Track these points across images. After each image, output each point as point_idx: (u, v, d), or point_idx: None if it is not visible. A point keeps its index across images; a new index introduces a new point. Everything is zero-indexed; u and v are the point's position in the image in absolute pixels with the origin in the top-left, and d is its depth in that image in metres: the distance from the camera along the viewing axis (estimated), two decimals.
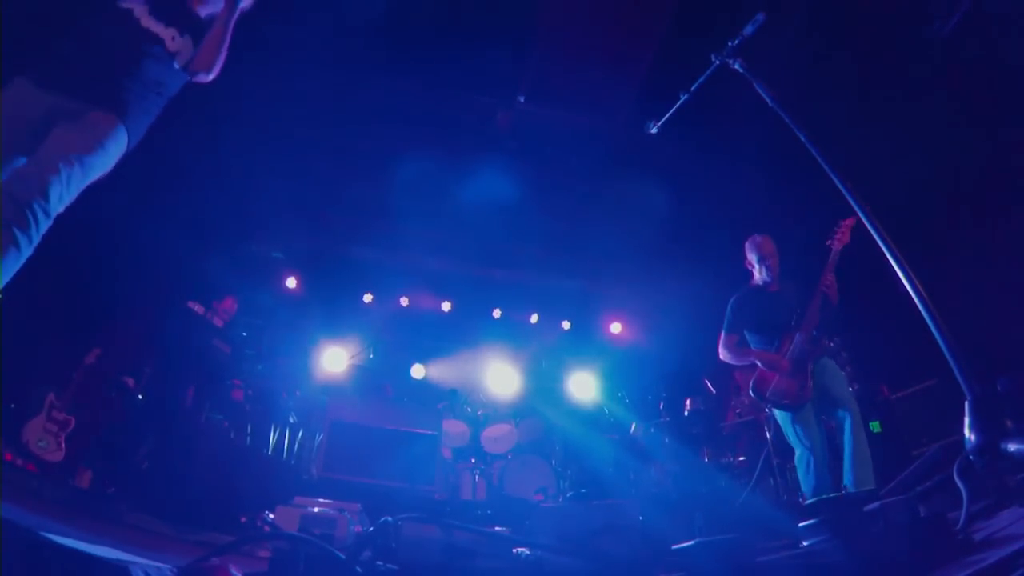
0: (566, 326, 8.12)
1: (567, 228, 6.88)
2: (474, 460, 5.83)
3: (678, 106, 2.81)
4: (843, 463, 3.29)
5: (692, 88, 2.72)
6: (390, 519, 1.78)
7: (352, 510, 3.38)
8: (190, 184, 5.47)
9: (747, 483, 4.88)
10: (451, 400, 6.51)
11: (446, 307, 7.74)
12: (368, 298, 7.55)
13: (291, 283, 7.16)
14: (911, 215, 3.76)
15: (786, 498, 4.46)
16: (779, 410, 3.52)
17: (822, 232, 3.66)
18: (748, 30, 2.45)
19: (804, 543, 1.57)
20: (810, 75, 4.56)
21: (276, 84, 5.13)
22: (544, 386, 7.01)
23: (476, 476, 5.57)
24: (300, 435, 5.74)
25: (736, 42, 2.49)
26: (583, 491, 4.99)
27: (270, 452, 5.50)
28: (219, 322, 5.35)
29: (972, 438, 1.54)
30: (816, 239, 3.67)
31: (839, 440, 3.38)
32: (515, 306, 7.85)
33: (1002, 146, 4.37)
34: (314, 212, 6.57)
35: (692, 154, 5.81)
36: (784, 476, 4.63)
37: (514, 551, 1.90)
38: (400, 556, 1.71)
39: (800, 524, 1.59)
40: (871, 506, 1.45)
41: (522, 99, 5.49)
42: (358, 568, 1.62)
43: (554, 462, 5.79)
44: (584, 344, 7.82)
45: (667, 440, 5.43)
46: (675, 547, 1.86)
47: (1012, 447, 1.45)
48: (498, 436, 6.10)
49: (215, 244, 6.39)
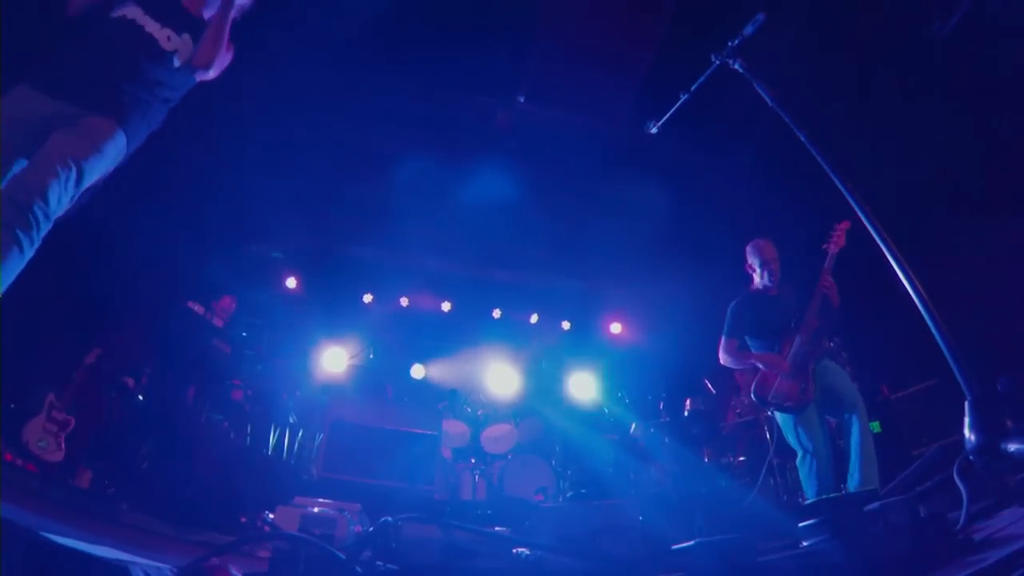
0: (566, 326, 8.12)
1: (567, 228, 6.88)
2: (474, 460, 5.83)
3: (678, 106, 2.81)
4: (849, 462, 3.28)
5: (692, 88, 2.72)
6: (390, 519, 1.78)
7: (352, 510, 3.39)
8: (190, 184, 5.48)
9: (748, 483, 4.89)
10: (451, 400, 6.51)
11: (446, 307, 7.73)
12: (368, 298, 7.55)
13: (291, 283, 7.16)
14: (911, 215, 3.75)
15: (786, 498, 4.46)
16: (781, 413, 3.52)
17: (822, 233, 3.66)
18: (748, 30, 2.45)
19: (804, 543, 1.57)
20: (810, 75, 4.55)
21: (276, 84, 5.13)
22: (544, 386, 7.01)
23: (476, 476, 5.57)
24: (300, 435, 5.74)
25: (736, 42, 2.49)
26: (583, 491, 4.99)
27: (270, 452, 5.50)
28: (219, 322, 5.35)
29: (972, 438, 1.54)
30: (816, 240, 3.68)
31: (844, 439, 3.37)
32: (515, 306, 7.85)
33: (1002, 146, 4.37)
34: (314, 212, 6.56)
35: (692, 154, 5.81)
36: (784, 476, 4.63)
37: (514, 551, 1.90)
38: (400, 556, 1.71)
39: (800, 524, 1.59)
40: (871, 506, 1.45)
41: (522, 99, 5.49)
42: (358, 568, 1.62)
43: (554, 462, 5.79)
44: (584, 344, 7.82)
45: (667, 440, 5.42)
46: (675, 547, 1.86)
47: (1012, 447, 1.45)
48: (498, 436, 6.10)
49: (215, 244, 6.39)
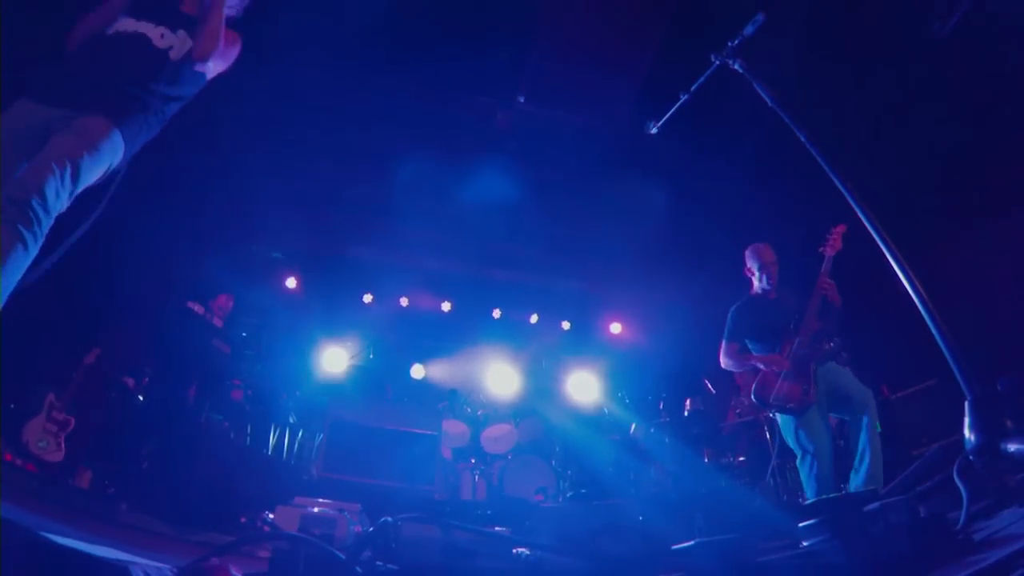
0: (566, 326, 8.12)
1: (567, 228, 6.88)
2: (474, 460, 5.83)
3: (678, 106, 2.81)
4: (854, 459, 3.26)
5: (692, 88, 2.72)
6: (390, 519, 1.78)
7: (352, 510, 3.39)
8: (190, 184, 5.48)
9: (749, 483, 4.88)
10: (451, 400, 6.51)
11: (446, 307, 7.73)
12: (368, 298, 7.55)
13: (291, 283, 7.16)
14: (911, 215, 3.76)
15: (786, 498, 4.46)
16: (783, 414, 3.51)
17: (822, 233, 3.66)
18: (748, 30, 2.45)
19: (804, 543, 1.57)
20: (810, 75, 4.55)
21: (276, 84, 5.13)
22: (544, 386, 7.01)
23: (476, 476, 5.57)
24: (300, 435, 5.74)
25: (736, 42, 2.49)
26: (583, 491, 4.99)
27: (270, 452, 5.50)
28: (219, 322, 5.35)
29: (972, 438, 1.54)
30: (816, 240, 3.67)
31: (851, 437, 3.33)
32: (515, 306, 7.85)
33: (1002, 146, 4.37)
34: (314, 212, 6.57)
35: (692, 154, 5.81)
36: (784, 477, 4.63)
37: (514, 551, 1.90)
38: (400, 556, 1.71)
39: (800, 524, 1.59)
40: (871, 506, 1.45)
41: (522, 99, 5.49)
42: (358, 568, 1.62)
43: (554, 462, 5.79)
44: (584, 344, 7.82)
45: (667, 440, 5.42)
46: (675, 547, 1.86)
47: (1012, 447, 1.45)
48: (498, 436, 6.10)
49: (215, 244, 6.40)
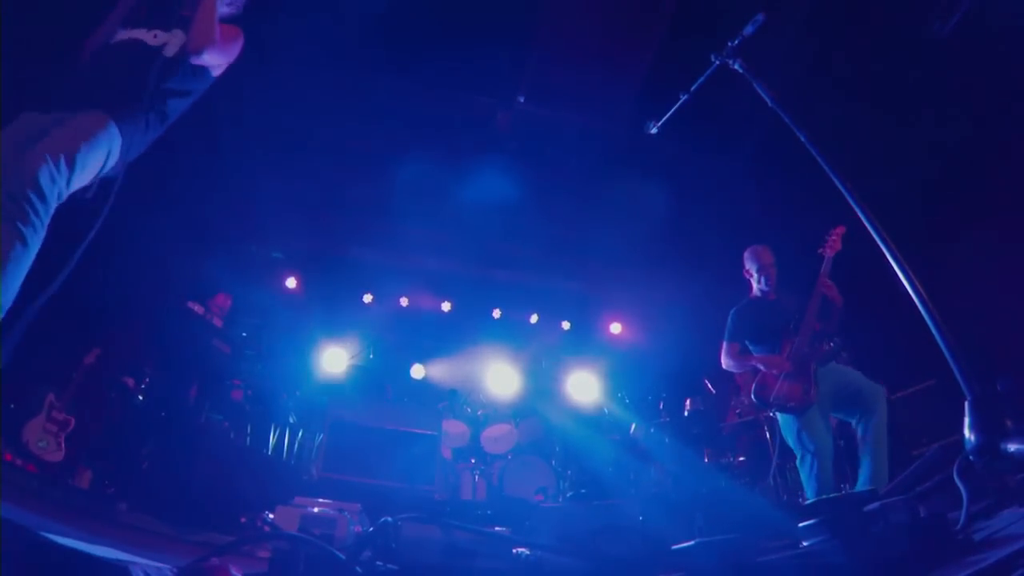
0: (566, 326, 8.12)
1: (567, 228, 6.88)
2: (474, 460, 5.83)
3: (678, 106, 2.81)
4: (860, 456, 3.24)
5: (692, 88, 2.72)
6: (390, 519, 1.78)
7: (352, 510, 3.38)
8: (190, 184, 5.48)
9: (749, 483, 4.88)
10: (451, 400, 6.51)
11: (446, 307, 7.73)
12: (368, 298, 7.55)
13: (291, 283, 7.16)
14: (911, 215, 3.76)
15: (786, 498, 4.46)
16: (783, 414, 3.50)
17: (822, 234, 3.67)
18: (748, 30, 2.45)
19: (804, 543, 1.57)
20: (810, 75, 4.56)
21: (276, 84, 5.13)
22: (544, 386, 7.01)
23: (476, 476, 5.57)
24: (300, 435, 5.74)
25: (736, 42, 2.49)
26: (583, 491, 5.00)
27: (270, 452, 5.50)
28: (218, 322, 5.35)
29: (972, 438, 1.54)
30: (816, 241, 3.68)
31: (859, 434, 3.31)
32: (515, 306, 7.85)
33: (1002, 146, 4.37)
34: (314, 212, 6.56)
35: (692, 154, 5.81)
36: (784, 476, 4.63)
37: (514, 551, 1.90)
38: (400, 556, 1.71)
39: (800, 524, 1.59)
40: (871, 506, 1.45)
41: (522, 99, 5.49)
42: (358, 568, 1.62)
43: (554, 462, 5.79)
44: (584, 344, 7.82)
45: (667, 440, 5.42)
46: (675, 547, 1.85)
47: (1012, 447, 1.45)
48: (498, 436, 6.10)
49: (215, 244, 6.39)
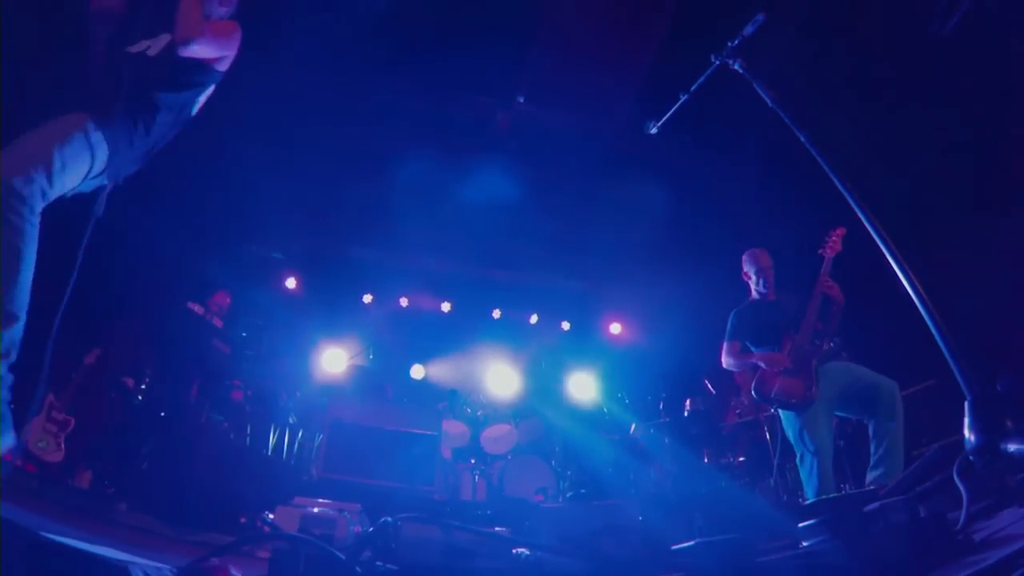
0: (566, 326, 8.12)
1: (567, 228, 6.88)
2: (474, 460, 5.83)
3: (678, 106, 2.81)
4: (878, 453, 3.19)
5: (692, 88, 2.72)
6: (390, 519, 1.78)
7: (352, 510, 3.38)
8: (190, 184, 5.48)
9: (749, 484, 4.88)
10: (451, 400, 6.51)
11: (446, 307, 7.74)
12: (368, 298, 7.55)
13: (291, 283, 7.16)
14: (911, 215, 3.76)
15: (786, 498, 4.46)
16: (785, 410, 3.50)
17: (822, 234, 3.67)
18: (748, 30, 2.45)
19: (804, 543, 1.57)
20: (810, 75, 4.55)
21: (276, 84, 5.13)
22: (544, 386, 7.01)
23: (476, 476, 5.57)
24: (300, 435, 5.74)
25: (736, 42, 2.49)
26: (583, 491, 5.00)
27: (270, 452, 5.50)
28: (218, 322, 5.35)
29: (972, 438, 1.54)
30: (816, 241, 3.68)
31: (876, 430, 3.25)
32: (515, 306, 7.85)
33: (1002, 146, 4.37)
34: (314, 212, 6.57)
35: (692, 154, 5.81)
36: (784, 476, 4.63)
37: (514, 552, 1.90)
38: (400, 556, 1.71)
39: (800, 524, 1.59)
40: (871, 506, 1.44)
41: (522, 99, 5.49)
42: (358, 568, 1.62)
43: (554, 462, 5.79)
44: (584, 344, 7.83)
45: (667, 440, 5.42)
46: (675, 547, 1.85)
47: (1012, 447, 1.45)
48: (498, 436, 6.10)
49: (215, 244, 6.39)
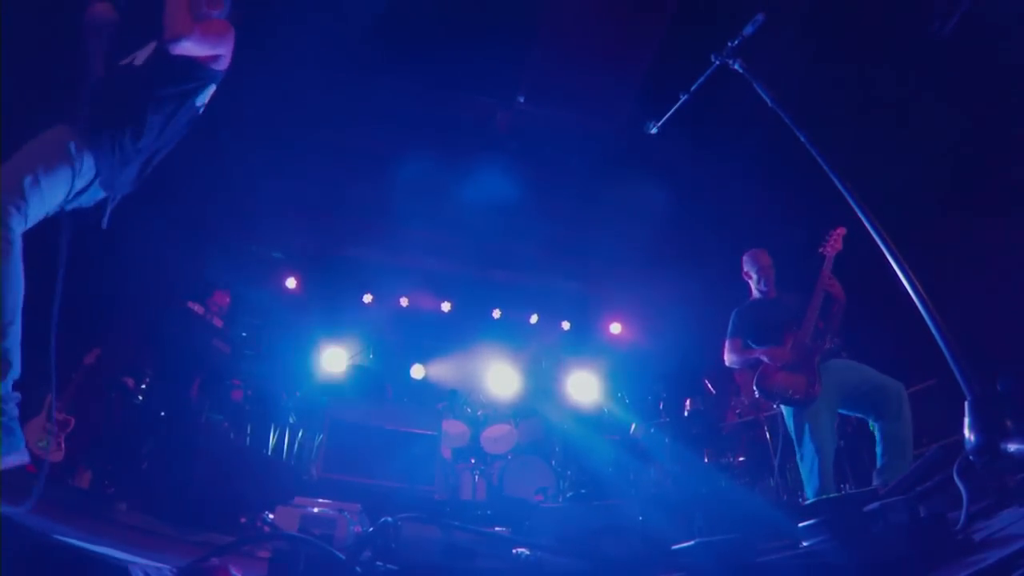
0: (566, 326, 8.12)
1: (567, 228, 6.88)
2: (474, 460, 5.82)
3: (678, 106, 2.81)
4: (887, 451, 3.18)
5: (692, 88, 2.72)
6: (390, 519, 1.78)
7: (352, 510, 3.38)
8: (190, 184, 5.48)
9: (749, 484, 4.88)
10: (451, 400, 6.51)
11: (446, 307, 7.74)
12: (368, 298, 7.55)
13: (291, 283, 7.16)
14: (911, 215, 3.76)
15: (786, 498, 4.46)
16: (787, 405, 3.49)
17: (822, 234, 3.67)
18: (748, 30, 2.45)
19: (804, 543, 1.57)
20: (810, 75, 4.56)
21: (276, 84, 5.13)
22: (544, 386, 7.01)
23: (476, 476, 5.57)
24: (300, 435, 5.74)
25: (736, 42, 2.49)
26: (583, 492, 4.99)
27: (270, 452, 5.50)
28: (218, 322, 5.35)
29: (972, 438, 1.54)
30: (816, 241, 3.68)
31: (883, 430, 3.22)
32: (515, 306, 7.85)
33: (1002, 146, 4.37)
34: (314, 212, 6.57)
35: (692, 155, 5.81)
36: (784, 476, 4.63)
37: (514, 552, 1.90)
38: (400, 556, 1.71)
39: (800, 524, 1.59)
40: (871, 506, 1.45)
41: (522, 99, 5.49)
42: (358, 568, 1.62)
43: (554, 462, 5.79)
44: (584, 344, 7.83)
45: (667, 440, 5.42)
46: (675, 547, 1.85)
47: (1012, 447, 1.45)
48: (498, 436, 6.10)
49: (215, 244, 6.40)
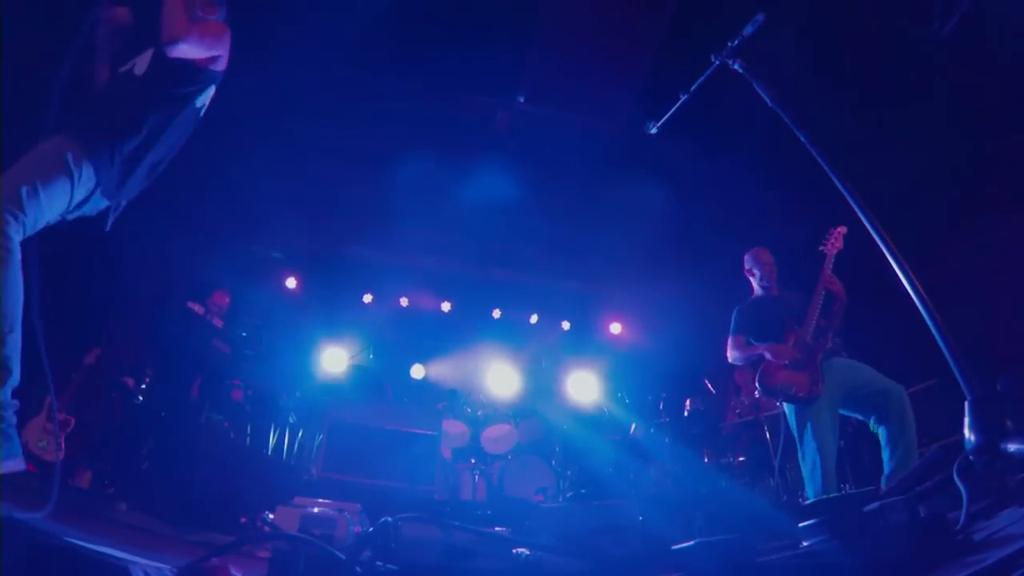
0: (566, 326, 8.12)
1: (567, 228, 6.89)
2: (474, 460, 5.82)
3: (678, 106, 2.82)
4: (895, 455, 3.17)
5: (692, 88, 2.72)
6: (390, 519, 1.78)
7: (352, 510, 3.38)
8: (190, 184, 5.48)
9: (749, 484, 4.88)
10: (451, 400, 6.51)
11: (446, 307, 7.74)
12: (368, 298, 7.55)
13: (291, 283, 7.16)
14: (911, 215, 3.76)
15: (786, 498, 4.46)
16: (790, 403, 3.48)
17: (822, 234, 3.67)
18: (748, 30, 2.45)
19: (804, 543, 1.57)
20: (810, 75, 4.55)
21: (276, 84, 5.13)
22: (544, 386, 7.01)
23: (476, 476, 5.57)
24: (300, 435, 5.75)
25: (736, 42, 2.49)
26: (583, 492, 4.99)
27: (270, 452, 5.50)
28: (218, 322, 5.35)
29: (972, 438, 1.54)
30: (816, 241, 3.68)
31: (888, 433, 3.23)
32: (515, 306, 7.85)
33: (1002, 146, 4.37)
34: (314, 212, 6.57)
35: (692, 154, 5.81)
36: (784, 476, 4.63)
37: (514, 551, 1.90)
38: (400, 556, 1.71)
39: (800, 524, 1.59)
40: (871, 506, 1.44)
41: (522, 99, 5.49)
42: (358, 568, 1.62)
43: (554, 462, 5.79)
44: (584, 344, 7.83)
45: (667, 440, 5.42)
46: (675, 547, 1.85)
47: (1012, 447, 1.45)
48: (498, 436, 6.10)
49: (215, 244, 6.40)
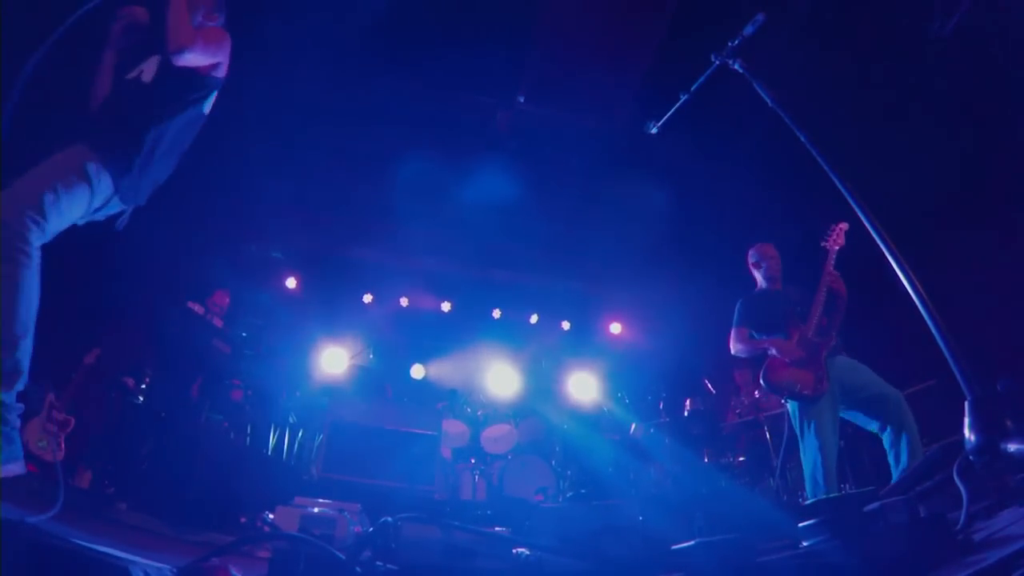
0: (566, 326, 8.13)
1: (567, 228, 6.89)
2: (474, 460, 5.82)
3: (678, 106, 2.82)
4: (903, 461, 3.16)
5: (692, 88, 2.73)
6: (390, 519, 1.78)
7: (352, 510, 3.38)
8: (190, 184, 5.47)
9: (749, 484, 4.88)
10: (451, 400, 6.51)
11: (446, 307, 7.74)
12: (368, 298, 7.55)
13: (291, 283, 7.17)
14: (911, 215, 3.76)
15: (786, 498, 4.46)
16: (794, 400, 3.48)
17: (822, 234, 3.67)
18: (748, 30, 2.46)
19: (804, 543, 1.57)
20: (810, 75, 4.56)
21: (277, 84, 5.13)
22: (544, 386, 7.01)
23: (476, 476, 5.57)
24: (300, 435, 5.74)
25: (736, 42, 2.50)
26: (583, 492, 4.99)
27: (270, 452, 5.50)
28: (219, 322, 5.35)
29: (972, 438, 1.54)
30: (816, 240, 3.68)
31: (891, 440, 3.23)
32: (515, 306, 7.86)
33: (1002, 146, 4.37)
34: (314, 212, 6.58)
35: (692, 155, 5.81)
36: (784, 476, 4.63)
37: (514, 552, 1.90)
38: (400, 556, 1.71)
39: (800, 524, 1.59)
40: (871, 506, 1.44)
41: (522, 99, 5.50)
42: (358, 568, 1.62)
43: (554, 462, 5.79)
44: (584, 344, 7.83)
45: (667, 440, 5.42)
46: (675, 547, 1.85)
47: (1012, 447, 1.45)
48: (498, 436, 6.10)
49: (215, 244, 6.40)
